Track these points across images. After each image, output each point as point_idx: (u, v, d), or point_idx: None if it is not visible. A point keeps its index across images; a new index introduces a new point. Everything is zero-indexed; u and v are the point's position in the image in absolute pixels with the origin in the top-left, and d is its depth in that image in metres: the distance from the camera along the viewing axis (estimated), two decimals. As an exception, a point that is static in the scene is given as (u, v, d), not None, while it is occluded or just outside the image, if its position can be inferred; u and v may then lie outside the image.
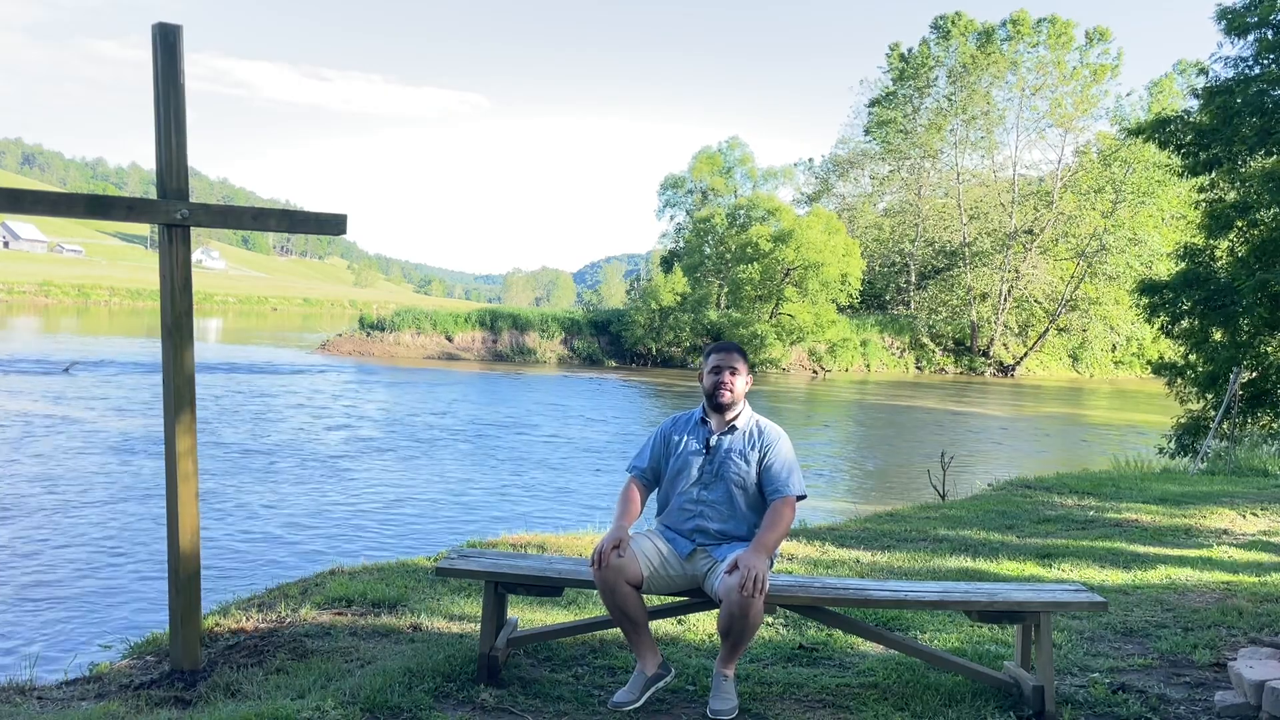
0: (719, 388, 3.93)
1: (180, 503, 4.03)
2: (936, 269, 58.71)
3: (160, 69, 3.83)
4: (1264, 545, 7.23)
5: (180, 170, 3.95)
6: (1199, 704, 3.85)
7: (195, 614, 4.10)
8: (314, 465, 16.13)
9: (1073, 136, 56.78)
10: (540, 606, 4.92)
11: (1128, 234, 52.43)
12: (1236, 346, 15.95)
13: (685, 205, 56.23)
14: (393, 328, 43.81)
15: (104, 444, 16.73)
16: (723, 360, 3.96)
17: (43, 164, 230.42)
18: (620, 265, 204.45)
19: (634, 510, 3.95)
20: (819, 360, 48.57)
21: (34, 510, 11.82)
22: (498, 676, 3.81)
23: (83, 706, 3.79)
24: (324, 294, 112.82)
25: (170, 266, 3.99)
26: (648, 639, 3.79)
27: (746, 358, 4.03)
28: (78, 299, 74.07)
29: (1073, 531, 7.70)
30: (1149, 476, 11.51)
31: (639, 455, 4.09)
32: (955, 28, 56.70)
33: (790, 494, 3.84)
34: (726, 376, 3.93)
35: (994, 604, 3.80)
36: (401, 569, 5.84)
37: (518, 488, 15.42)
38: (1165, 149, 17.51)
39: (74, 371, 28.01)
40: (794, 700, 3.83)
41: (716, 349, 4.03)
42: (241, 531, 11.37)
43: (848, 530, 7.71)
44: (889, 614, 4.83)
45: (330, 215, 4.34)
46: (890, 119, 58.71)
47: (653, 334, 46.24)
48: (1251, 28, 15.87)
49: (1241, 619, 5.02)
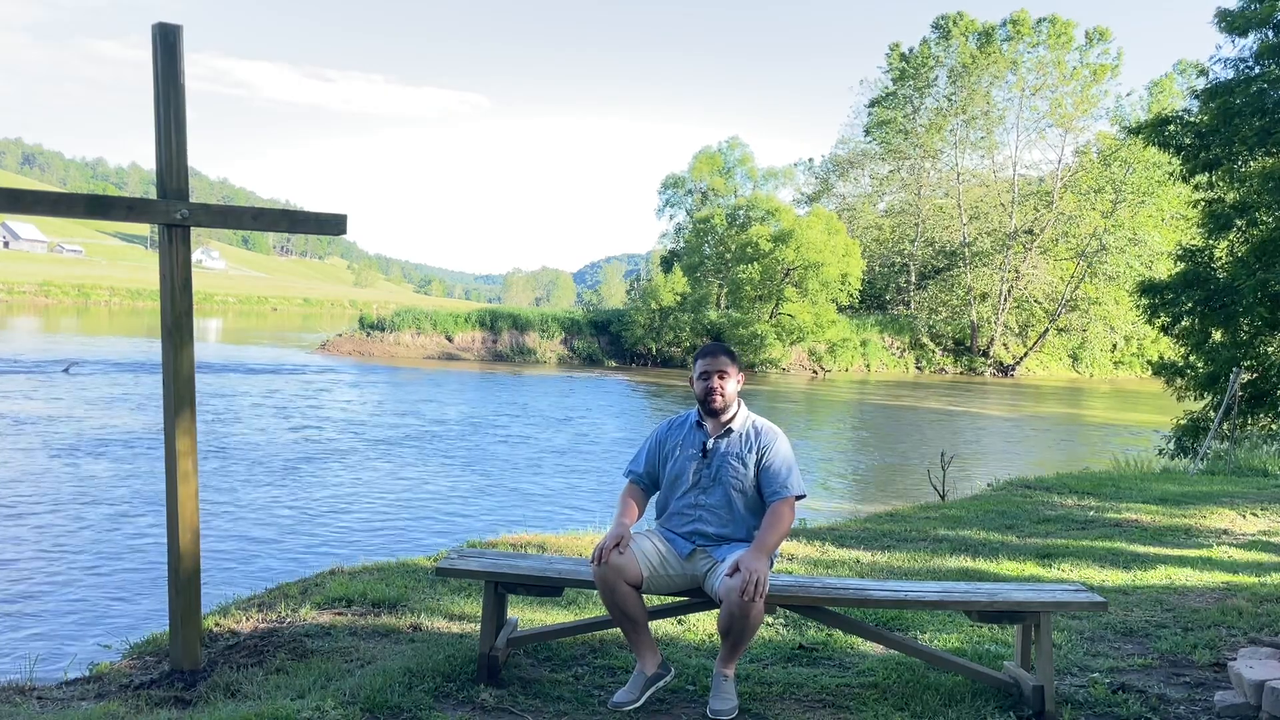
0: (710, 393, 3.91)
1: (180, 502, 4.03)
2: (936, 269, 58.71)
3: (160, 69, 3.84)
4: (1264, 545, 7.23)
5: (180, 170, 3.95)
6: (1199, 704, 3.85)
7: (195, 614, 4.10)
8: (314, 465, 16.13)
9: (1073, 136, 56.87)
10: (540, 606, 4.92)
11: (1128, 234, 52.45)
12: (1236, 346, 15.95)
13: (685, 205, 56.30)
14: (393, 328, 43.82)
15: (104, 444, 16.74)
16: (710, 365, 3.93)
17: (43, 164, 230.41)
18: (620, 265, 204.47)
19: (633, 513, 3.95)
20: (819, 360, 48.56)
21: (34, 510, 11.82)
22: (498, 676, 3.81)
23: (83, 706, 3.78)
24: (324, 294, 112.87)
25: (170, 266, 3.99)
26: (647, 639, 3.79)
27: (735, 359, 4.00)
28: (78, 299, 74.09)
29: (1073, 531, 7.70)
30: (1149, 477, 11.51)
31: (635, 460, 4.09)
32: (956, 28, 56.67)
33: (790, 494, 3.83)
34: (716, 381, 3.91)
35: (994, 604, 3.80)
36: (401, 569, 5.84)
37: (517, 488, 15.42)
38: (1165, 150, 17.48)
39: (74, 371, 28.01)
40: (794, 700, 3.83)
41: (703, 353, 3.99)
42: (242, 531, 11.38)
43: (848, 530, 7.71)
44: (889, 614, 4.83)
45: (330, 215, 4.34)
46: (890, 119, 58.69)
47: (653, 334, 46.24)
48: (1251, 28, 15.87)
49: (1241, 619, 5.02)
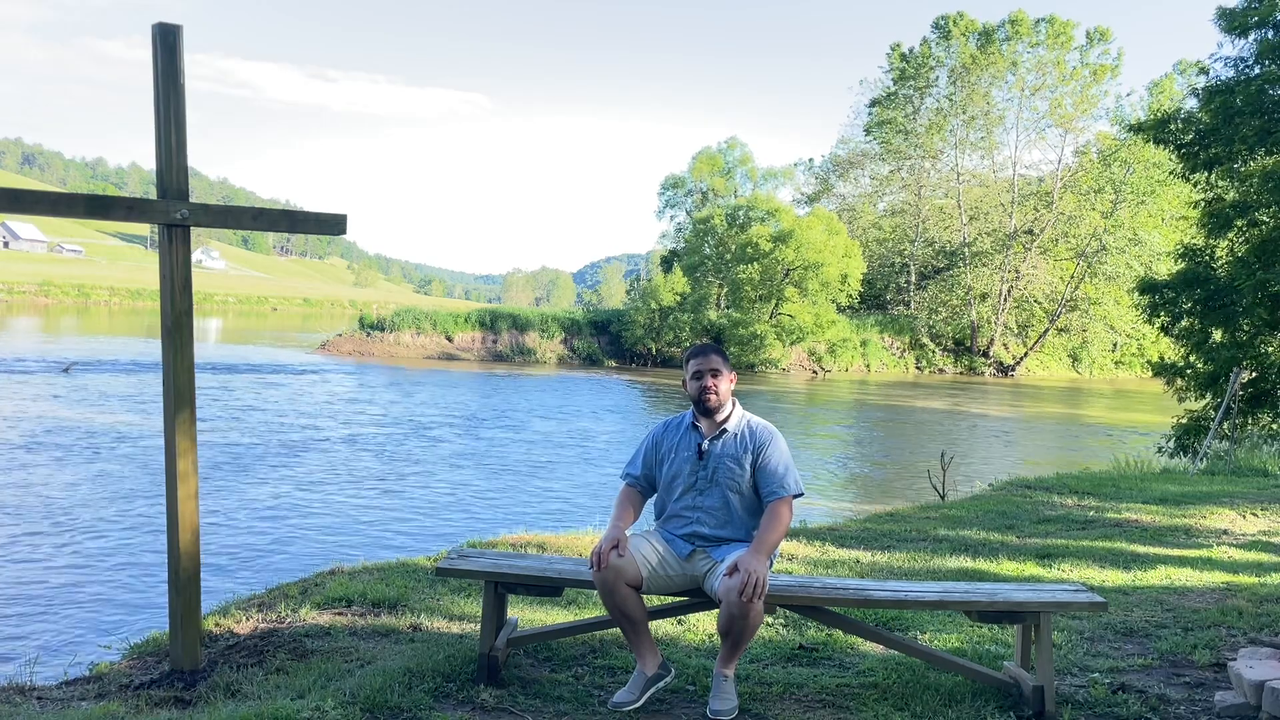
0: (704, 393, 3.90)
1: (180, 502, 4.03)
2: (936, 269, 58.70)
3: (160, 69, 3.84)
4: (1264, 545, 7.23)
5: (180, 170, 3.95)
6: (1199, 704, 3.85)
7: (195, 614, 4.10)
8: (314, 465, 16.13)
9: (1073, 137, 56.86)
10: (540, 606, 4.92)
11: (1128, 234, 52.45)
12: (1236, 346, 15.92)
13: (685, 205, 56.33)
14: (392, 328, 43.81)
15: (103, 444, 16.73)
16: (702, 364, 3.93)
17: (43, 164, 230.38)
18: (620, 265, 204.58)
19: (630, 515, 3.96)
20: (819, 360, 48.56)
21: (34, 510, 11.82)
22: (498, 676, 3.80)
23: (83, 706, 3.78)
24: (324, 294, 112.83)
25: (170, 266, 3.99)
26: (647, 639, 3.79)
27: (726, 357, 4.00)
28: (78, 299, 74.08)
29: (1073, 531, 7.70)
30: (1149, 476, 11.51)
31: (631, 462, 4.09)
32: (956, 28, 56.64)
33: (788, 494, 3.83)
34: (709, 380, 3.90)
35: (994, 604, 3.80)
36: (401, 569, 5.83)
37: (517, 487, 15.42)
38: (1166, 148, 17.48)
39: (74, 371, 28.01)
40: (794, 700, 3.83)
41: (694, 353, 3.98)
42: (241, 531, 11.38)
43: (848, 530, 7.71)
44: (889, 614, 4.83)
45: (330, 215, 4.34)
46: (890, 119, 58.66)
47: (652, 334, 46.24)
48: (1251, 28, 15.85)
49: (1241, 619, 5.02)
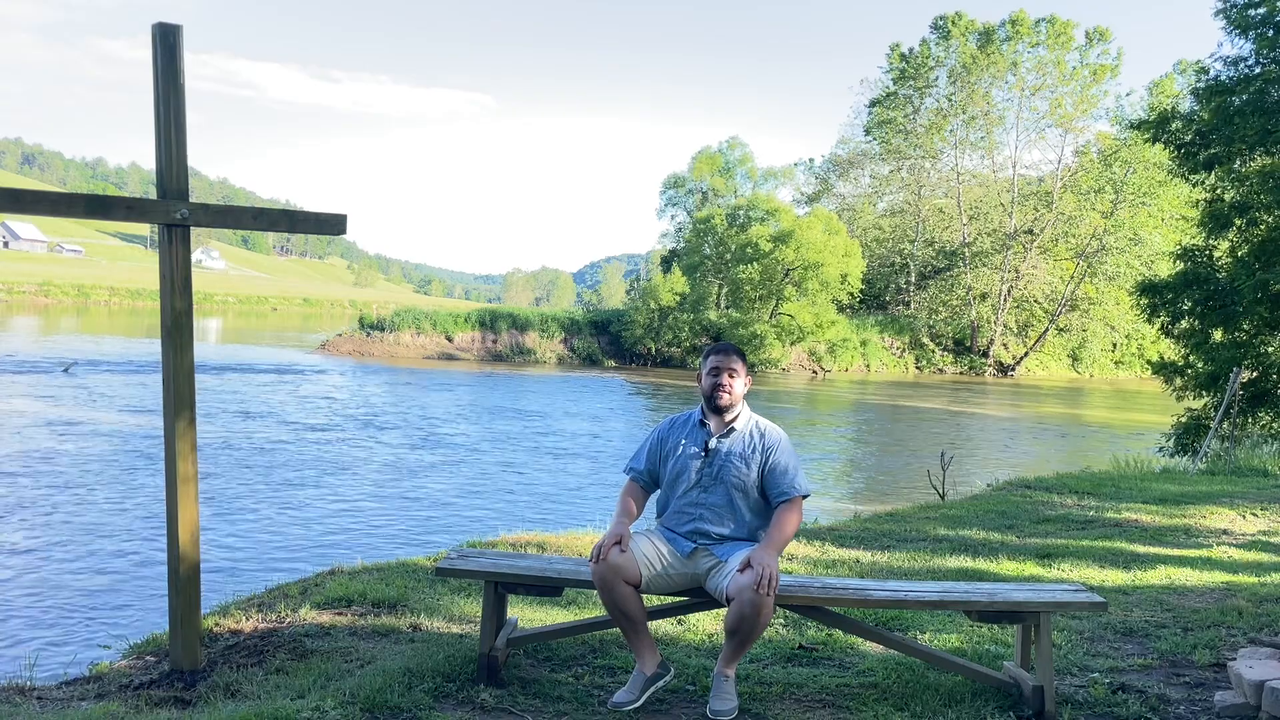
0: (717, 390, 3.91)
1: (180, 503, 4.03)
2: (936, 269, 58.73)
3: (160, 69, 3.83)
4: (1264, 545, 7.23)
5: (180, 170, 3.94)
6: (1199, 704, 3.85)
7: (195, 614, 4.10)
8: (313, 465, 16.13)
9: (1073, 137, 56.89)
10: (540, 606, 4.92)
11: (1128, 234, 52.45)
12: (1237, 346, 15.92)
13: (686, 205, 56.32)
14: (392, 328, 43.81)
15: (103, 444, 16.73)
16: (721, 362, 3.94)
17: (43, 164, 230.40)
18: (620, 265, 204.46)
19: (633, 511, 3.96)
20: (819, 360, 48.56)
21: (34, 510, 11.82)
22: (498, 676, 3.80)
23: (83, 706, 3.78)
24: (324, 294, 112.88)
25: (170, 266, 3.98)
26: (647, 639, 3.79)
27: (745, 359, 4.02)
28: (77, 299, 74.06)
29: (1073, 531, 7.70)
30: (1149, 476, 11.50)
31: (636, 457, 4.09)
32: (955, 28, 56.65)
33: (798, 494, 3.85)
34: (725, 379, 3.91)
35: (994, 604, 3.80)
36: (401, 569, 5.83)
37: (517, 487, 15.42)
38: (1166, 147, 17.48)
39: (74, 371, 28.01)
40: (794, 700, 3.83)
41: (715, 350, 4.00)
42: (241, 531, 11.38)
43: (848, 530, 7.71)
44: (889, 614, 4.82)
45: (330, 215, 4.34)
46: (890, 119, 58.68)
47: (652, 334, 46.24)
48: (1254, 24, 15.81)
49: (1241, 619, 5.02)
